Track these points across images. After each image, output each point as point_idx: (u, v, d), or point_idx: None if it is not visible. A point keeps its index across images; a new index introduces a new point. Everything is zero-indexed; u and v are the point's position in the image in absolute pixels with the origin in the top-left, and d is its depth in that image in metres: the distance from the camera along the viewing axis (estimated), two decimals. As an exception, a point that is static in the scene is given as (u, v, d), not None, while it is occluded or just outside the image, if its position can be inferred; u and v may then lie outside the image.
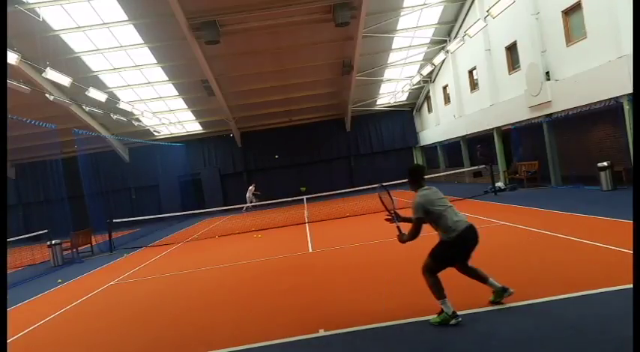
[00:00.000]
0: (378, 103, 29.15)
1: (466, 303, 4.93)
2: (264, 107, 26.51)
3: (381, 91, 27.76)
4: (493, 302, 4.83)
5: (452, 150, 26.24)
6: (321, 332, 4.80)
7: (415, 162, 31.20)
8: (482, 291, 4.92)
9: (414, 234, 4.71)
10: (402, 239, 4.85)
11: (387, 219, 5.22)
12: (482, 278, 4.84)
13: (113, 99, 21.14)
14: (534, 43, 15.85)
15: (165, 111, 25.82)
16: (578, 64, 13.88)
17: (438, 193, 4.78)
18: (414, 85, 26.34)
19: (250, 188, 26.77)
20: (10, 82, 13.75)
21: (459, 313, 4.53)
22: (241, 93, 24.38)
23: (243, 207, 24.56)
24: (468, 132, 22.84)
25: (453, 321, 4.47)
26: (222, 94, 23.34)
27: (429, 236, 4.84)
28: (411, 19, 20.57)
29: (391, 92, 27.79)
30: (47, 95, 17.73)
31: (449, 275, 4.60)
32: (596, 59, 12.98)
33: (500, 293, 4.80)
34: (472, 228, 4.64)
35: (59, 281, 10.78)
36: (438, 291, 4.59)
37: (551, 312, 4.49)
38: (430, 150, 29.97)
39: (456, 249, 4.64)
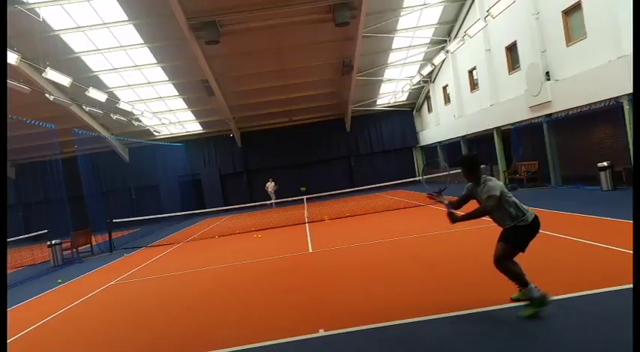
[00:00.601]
0: (378, 103, 29.14)
1: (466, 303, 4.93)
2: (264, 107, 26.51)
3: (381, 91, 27.75)
4: (515, 300, 4.75)
5: (452, 150, 26.23)
6: (321, 332, 4.80)
7: (415, 161, 31.23)
8: (481, 291, 4.92)
9: (482, 213, 4.49)
10: (455, 218, 4.57)
11: (430, 196, 4.93)
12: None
13: (113, 99, 21.15)
14: (534, 43, 15.85)
15: (165, 111, 25.83)
16: (578, 64, 13.89)
17: None
18: (414, 85, 26.33)
19: (273, 184, 27.10)
20: (10, 82, 13.74)
21: (459, 313, 4.52)
22: (241, 93, 24.38)
23: (271, 203, 24.80)
24: (468, 133, 22.83)
25: (546, 303, 4.32)
26: (222, 94, 23.35)
27: (428, 237, 4.82)
28: (411, 19, 20.57)
29: (391, 92, 27.79)
30: (47, 95, 17.72)
31: (448, 274, 4.60)
32: (596, 59, 12.98)
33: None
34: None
35: (59, 281, 10.78)
36: (521, 278, 4.42)
37: (550, 312, 4.48)
38: (430, 150, 29.96)
39: (532, 232, 4.51)
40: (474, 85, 22.36)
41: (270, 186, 27.21)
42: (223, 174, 29.71)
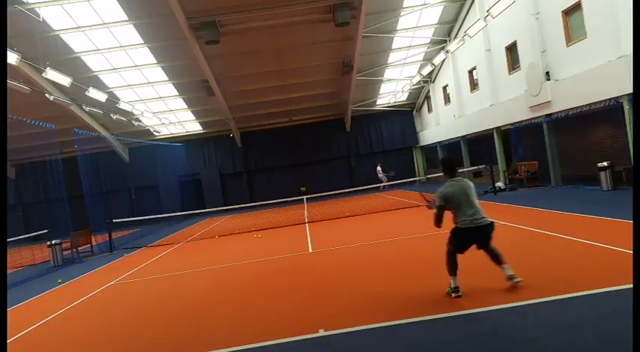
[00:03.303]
0: (378, 103, 29.13)
1: (466, 303, 4.93)
2: (264, 107, 26.50)
3: (381, 91, 27.74)
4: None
5: (452, 150, 26.21)
6: (321, 332, 4.80)
7: (415, 161, 31.25)
8: (482, 291, 4.92)
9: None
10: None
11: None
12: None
13: (113, 99, 21.14)
14: (534, 43, 15.84)
15: (165, 111, 25.82)
16: (578, 64, 13.88)
17: None
18: (414, 85, 26.31)
19: (379, 169, 27.40)
20: (10, 82, 13.73)
21: (459, 313, 4.51)
22: (241, 93, 24.37)
23: (380, 186, 25.11)
24: (468, 133, 22.83)
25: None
26: (222, 94, 23.34)
27: (428, 236, 4.82)
28: (411, 19, 20.56)
29: (391, 92, 27.78)
30: (47, 95, 17.72)
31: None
32: (596, 59, 12.98)
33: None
34: None
35: (59, 281, 10.78)
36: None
37: (551, 312, 4.49)
38: (430, 150, 29.96)
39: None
40: (474, 85, 22.35)
41: (380, 171, 27.43)
42: (223, 174, 29.70)
